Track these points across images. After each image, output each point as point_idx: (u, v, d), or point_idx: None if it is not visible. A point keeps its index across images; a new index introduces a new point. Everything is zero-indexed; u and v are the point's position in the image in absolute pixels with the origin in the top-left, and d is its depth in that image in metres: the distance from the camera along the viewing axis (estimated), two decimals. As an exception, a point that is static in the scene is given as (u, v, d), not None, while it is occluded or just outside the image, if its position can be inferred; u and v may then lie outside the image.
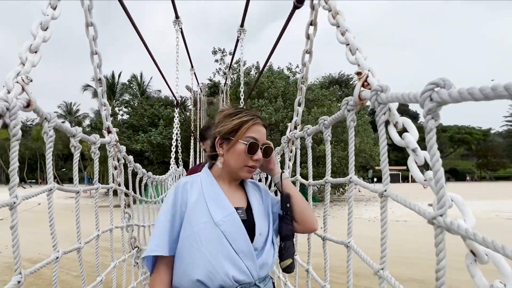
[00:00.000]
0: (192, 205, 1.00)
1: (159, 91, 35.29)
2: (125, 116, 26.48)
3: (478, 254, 0.53)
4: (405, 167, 49.20)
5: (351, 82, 47.53)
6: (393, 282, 0.76)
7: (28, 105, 0.86)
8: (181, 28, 4.98)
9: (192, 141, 9.52)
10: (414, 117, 59.52)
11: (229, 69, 10.01)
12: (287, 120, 17.23)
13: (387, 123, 0.79)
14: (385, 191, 0.79)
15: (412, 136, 0.72)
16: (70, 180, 51.22)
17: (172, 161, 5.22)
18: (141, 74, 35.23)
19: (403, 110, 60.25)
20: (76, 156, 1.21)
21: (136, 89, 33.67)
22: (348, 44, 1.01)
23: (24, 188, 39.95)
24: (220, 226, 0.96)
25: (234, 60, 9.72)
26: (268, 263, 1.03)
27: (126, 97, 33.06)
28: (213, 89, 22.81)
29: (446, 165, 53.36)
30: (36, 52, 0.95)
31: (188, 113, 17.92)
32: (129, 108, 26.39)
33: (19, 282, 0.86)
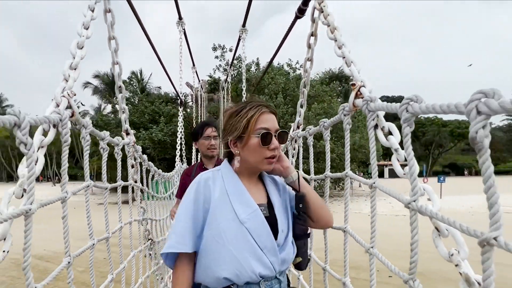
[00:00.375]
0: (216, 201, 1.00)
1: (159, 87, 35.43)
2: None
3: (441, 229, 0.69)
4: (407, 162, 49.12)
5: (351, 77, 47.53)
6: (380, 257, 0.93)
7: (72, 115, 1.02)
8: (184, 29, 5.11)
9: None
10: (414, 111, 59.56)
11: (230, 66, 10.13)
12: (287, 116, 17.35)
13: (375, 127, 0.95)
14: (374, 183, 0.95)
15: (395, 138, 0.88)
16: (71, 178, 51.04)
17: (177, 158, 5.39)
18: (141, 71, 35.31)
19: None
20: (105, 156, 1.38)
21: (136, 86, 33.76)
22: (344, 57, 1.17)
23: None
24: (245, 224, 0.97)
25: (234, 57, 9.85)
26: (289, 258, 1.05)
27: (126, 94, 33.06)
28: (213, 85, 22.94)
29: (446, 159, 53.61)
30: (75, 69, 1.10)
31: (188, 110, 18.03)
32: (130, 105, 26.51)
33: (69, 262, 1.02)
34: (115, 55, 1.54)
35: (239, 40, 5.45)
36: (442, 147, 48.94)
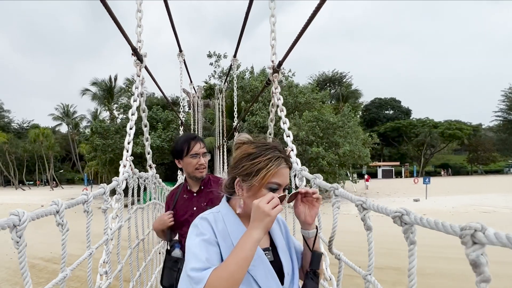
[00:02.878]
0: (220, 246, 0.96)
1: (153, 93, 36.35)
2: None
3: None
4: (398, 163, 50.42)
5: (344, 80, 48.41)
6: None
7: (131, 170, 1.84)
8: (184, 60, 5.92)
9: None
10: (406, 113, 60.65)
11: (224, 81, 10.90)
12: (280, 122, 18.16)
13: (295, 176, 1.77)
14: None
15: (303, 183, 1.70)
16: (68, 181, 50.27)
17: (179, 171, 6.16)
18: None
19: (397, 106, 61.11)
20: (142, 187, 2.20)
21: (132, 92, 34.33)
22: (284, 131, 2.00)
23: (24, 190, 39.95)
24: (250, 271, 0.93)
25: (227, 59, 10.66)
26: None
27: (124, 100, 33.92)
28: (209, 91, 23.84)
29: (439, 159, 54.68)
30: (130, 142, 1.92)
31: (184, 115, 18.61)
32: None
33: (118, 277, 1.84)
34: (148, 143, 2.41)
35: (230, 67, 6.27)
36: (433, 148, 50.04)
